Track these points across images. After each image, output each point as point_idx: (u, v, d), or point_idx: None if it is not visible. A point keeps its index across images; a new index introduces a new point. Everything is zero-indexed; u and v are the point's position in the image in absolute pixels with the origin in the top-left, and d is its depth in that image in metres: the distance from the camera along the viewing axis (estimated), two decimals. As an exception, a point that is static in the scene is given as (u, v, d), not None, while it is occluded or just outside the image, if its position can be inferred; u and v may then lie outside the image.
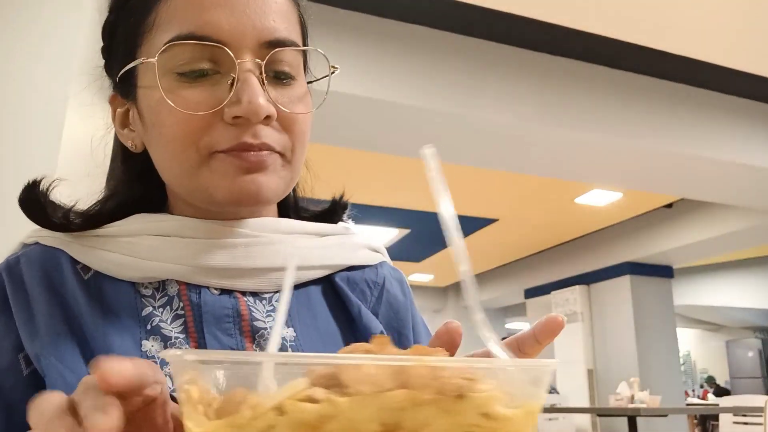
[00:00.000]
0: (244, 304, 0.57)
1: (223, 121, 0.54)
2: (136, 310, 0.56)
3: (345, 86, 3.23)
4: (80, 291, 0.56)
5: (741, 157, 4.23)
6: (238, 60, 0.53)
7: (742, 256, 9.46)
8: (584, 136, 3.85)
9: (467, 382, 0.24)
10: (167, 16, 0.55)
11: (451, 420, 0.23)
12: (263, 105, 0.53)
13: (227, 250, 0.57)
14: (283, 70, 0.57)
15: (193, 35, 0.53)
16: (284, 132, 0.57)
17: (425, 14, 3.46)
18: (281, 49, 0.56)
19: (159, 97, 0.55)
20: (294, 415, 0.23)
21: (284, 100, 0.57)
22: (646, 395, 4.97)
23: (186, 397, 0.28)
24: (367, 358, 0.23)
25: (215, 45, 0.53)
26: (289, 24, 0.58)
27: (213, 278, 0.57)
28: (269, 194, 0.56)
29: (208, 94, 0.54)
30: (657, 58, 3.76)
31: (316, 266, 0.62)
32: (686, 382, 12.52)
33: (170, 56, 0.54)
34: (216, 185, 0.55)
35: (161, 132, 0.56)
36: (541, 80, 3.75)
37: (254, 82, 0.53)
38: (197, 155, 0.55)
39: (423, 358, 0.24)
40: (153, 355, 0.53)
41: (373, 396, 0.22)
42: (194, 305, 0.56)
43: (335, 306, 0.63)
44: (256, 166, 0.55)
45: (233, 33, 0.54)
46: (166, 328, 0.55)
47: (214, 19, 0.54)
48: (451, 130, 3.72)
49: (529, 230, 7.53)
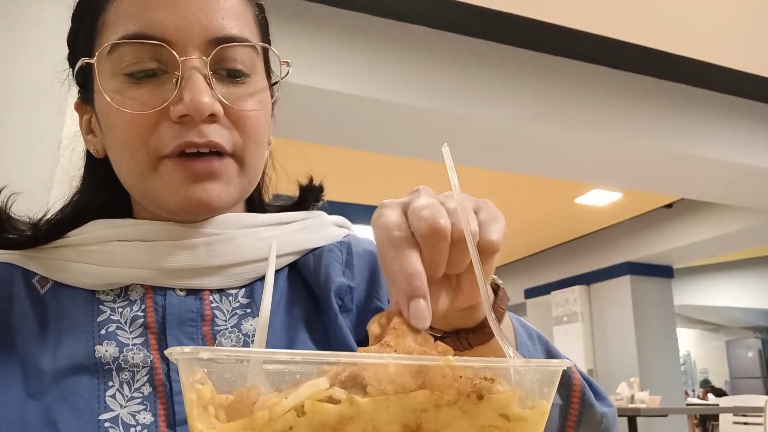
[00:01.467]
0: (208, 306, 0.57)
1: (170, 120, 0.53)
2: (91, 317, 0.55)
3: (344, 86, 3.22)
4: (31, 310, 0.55)
5: (741, 157, 4.23)
6: (182, 57, 0.53)
7: (742, 256, 9.46)
8: (584, 136, 3.85)
9: (487, 383, 0.23)
10: (114, 17, 0.55)
11: (470, 421, 0.23)
12: (206, 102, 0.52)
13: (189, 251, 0.57)
14: (235, 67, 0.56)
15: (136, 35, 0.53)
16: (234, 130, 0.56)
17: (425, 14, 3.46)
18: (228, 46, 0.55)
19: (108, 100, 0.55)
20: (314, 416, 0.22)
21: (234, 98, 0.56)
22: (646, 395, 4.96)
23: (196, 398, 0.27)
24: (388, 357, 0.22)
25: (159, 44, 0.53)
26: (240, 22, 0.57)
27: (178, 279, 0.56)
28: (220, 203, 0.56)
29: (154, 94, 0.54)
30: (657, 58, 3.75)
31: (279, 254, 0.61)
32: (686, 382, 12.52)
33: (117, 57, 0.54)
34: (166, 194, 0.55)
35: (113, 135, 0.56)
36: (541, 80, 3.75)
37: (197, 78, 0.53)
38: (147, 158, 0.55)
39: (445, 358, 0.23)
40: (107, 361, 0.52)
41: (395, 397, 0.22)
42: (158, 308, 0.56)
43: (300, 291, 0.62)
44: (204, 175, 0.54)
45: (178, 31, 0.53)
46: (123, 334, 0.54)
47: (158, 19, 0.53)
48: (450, 130, 3.72)
49: (529, 230, 7.52)
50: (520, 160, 4.26)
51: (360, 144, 4.00)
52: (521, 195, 6.16)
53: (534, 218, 7.01)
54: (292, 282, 0.62)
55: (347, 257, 0.64)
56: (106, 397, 0.50)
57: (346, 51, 3.29)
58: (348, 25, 3.32)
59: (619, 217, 7.08)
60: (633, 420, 4.29)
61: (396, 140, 3.89)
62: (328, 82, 3.14)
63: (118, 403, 0.50)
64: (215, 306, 0.57)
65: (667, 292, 7.51)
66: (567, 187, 5.73)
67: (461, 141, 3.84)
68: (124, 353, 0.53)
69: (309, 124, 3.46)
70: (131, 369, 0.52)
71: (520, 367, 0.29)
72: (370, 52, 3.37)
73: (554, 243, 8.23)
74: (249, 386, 0.26)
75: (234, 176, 0.57)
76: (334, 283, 0.60)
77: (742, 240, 6.45)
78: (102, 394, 0.51)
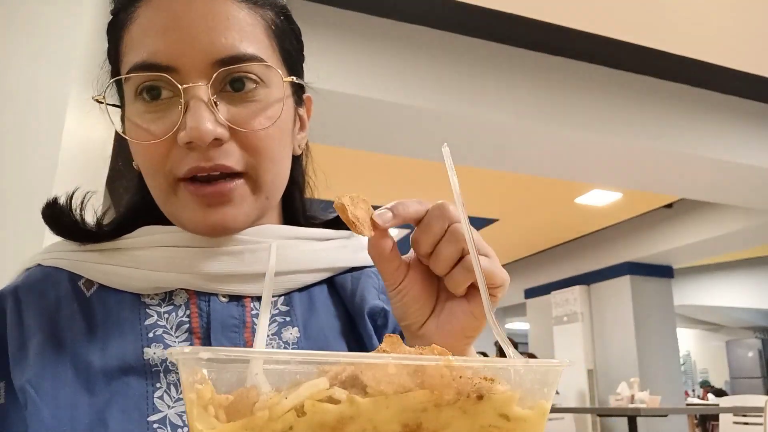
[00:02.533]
0: (249, 314, 0.58)
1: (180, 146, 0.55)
2: (139, 320, 0.56)
3: (344, 86, 3.23)
4: (79, 311, 0.57)
5: (741, 157, 4.23)
6: (184, 85, 0.54)
7: (742, 256, 9.46)
8: (584, 136, 3.85)
9: (487, 383, 0.23)
10: (129, 46, 0.57)
11: (470, 420, 0.23)
12: (208, 130, 0.53)
13: (235, 256, 0.58)
14: (240, 79, 0.56)
15: (143, 64, 0.55)
16: (245, 150, 0.56)
17: (425, 14, 3.46)
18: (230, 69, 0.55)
19: (127, 129, 0.57)
20: (314, 416, 0.22)
21: (240, 118, 0.55)
22: (646, 395, 4.97)
23: (196, 398, 0.27)
24: (388, 357, 0.22)
25: (161, 74, 0.54)
26: (248, 36, 0.57)
27: (222, 285, 0.58)
28: (236, 225, 0.57)
29: (164, 120, 0.55)
30: (657, 58, 3.75)
31: (317, 269, 0.63)
32: (686, 382, 12.52)
33: (131, 85, 0.56)
34: (185, 218, 0.57)
35: (137, 160, 0.59)
36: (541, 80, 3.75)
37: (199, 106, 0.53)
38: (165, 182, 0.56)
39: (445, 358, 0.23)
40: (155, 362, 0.53)
41: (395, 397, 0.22)
42: (203, 313, 0.57)
43: (338, 306, 0.64)
44: (216, 200, 0.55)
45: (181, 57, 0.54)
46: (169, 338, 0.56)
47: (161, 46, 0.54)
48: (451, 130, 3.72)
49: (529, 230, 7.52)
50: (520, 160, 4.27)
51: (360, 144, 4.00)
52: (521, 195, 6.16)
53: (534, 218, 7.01)
54: (331, 296, 0.65)
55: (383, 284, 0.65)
56: (155, 398, 0.52)
57: (345, 51, 3.29)
58: (348, 25, 3.32)
59: (619, 217, 7.08)
60: (633, 420, 4.29)
61: (396, 140, 3.89)
62: (327, 82, 3.14)
63: (165, 404, 0.52)
64: (255, 314, 0.59)
65: (667, 292, 7.51)
66: (567, 187, 5.73)
67: (461, 141, 3.84)
68: None
69: (308, 125, 3.45)
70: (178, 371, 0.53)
71: (520, 367, 0.29)
72: (371, 52, 3.37)
73: (554, 243, 8.23)
74: (249, 386, 0.26)
75: (248, 197, 0.57)
76: (368, 305, 0.62)
77: (742, 240, 6.45)
78: (150, 395, 0.52)
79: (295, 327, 0.60)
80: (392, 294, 0.52)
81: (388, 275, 0.51)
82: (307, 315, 0.61)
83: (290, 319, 0.60)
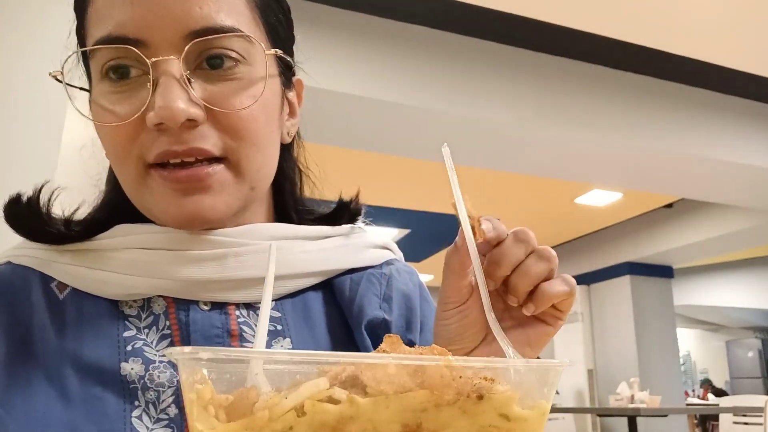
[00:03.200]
0: (234, 322, 0.54)
1: (149, 129, 0.49)
2: (117, 331, 0.52)
3: (344, 86, 3.22)
4: (51, 319, 0.52)
5: (741, 157, 4.23)
6: (153, 59, 0.48)
7: (742, 256, 9.46)
8: (584, 136, 3.85)
9: (487, 383, 0.23)
10: (94, 19, 0.51)
11: (470, 420, 0.23)
12: (179, 109, 0.47)
13: (218, 261, 0.52)
14: (218, 55, 0.50)
15: (109, 37, 0.49)
16: (224, 132, 0.50)
17: (425, 14, 3.46)
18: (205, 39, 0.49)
19: (93, 111, 0.52)
20: (315, 416, 0.22)
21: (218, 97, 0.50)
22: (646, 395, 4.97)
23: (196, 398, 0.27)
24: (388, 357, 0.22)
25: (128, 47, 0.48)
26: (226, 7, 0.50)
27: (202, 292, 0.53)
28: (215, 215, 0.51)
29: (131, 101, 0.49)
30: (657, 58, 3.75)
31: (312, 272, 0.57)
32: (686, 382, 12.51)
33: (97, 61, 0.51)
34: (157, 209, 0.52)
35: (104, 146, 0.54)
36: (541, 80, 3.75)
37: (169, 83, 0.48)
38: (134, 169, 0.51)
39: (444, 358, 0.23)
40: (133, 379, 0.49)
41: (395, 397, 0.22)
42: (182, 324, 0.53)
43: (336, 314, 0.59)
44: (191, 186, 0.50)
45: (150, 29, 0.48)
46: (149, 350, 0.51)
47: (128, 17, 0.48)
48: (450, 130, 3.72)
49: (529, 230, 7.51)
50: (520, 160, 4.26)
51: (360, 144, 4.00)
52: (521, 195, 6.16)
53: (534, 218, 7.00)
54: (328, 302, 0.59)
55: (386, 290, 0.61)
56: (133, 418, 0.48)
57: (345, 51, 3.29)
58: (348, 24, 3.32)
59: (619, 217, 7.08)
60: (633, 420, 4.29)
61: (396, 140, 3.89)
62: (327, 82, 3.14)
63: (144, 425, 0.48)
64: (242, 321, 0.54)
65: (667, 292, 7.51)
66: (567, 187, 5.73)
67: (461, 141, 3.84)
68: (150, 371, 0.50)
69: (308, 124, 3.45)
70: (157, 389, 0.50)
71: (520, 367, 0.29)
72: (371, 52, 3.37)
73: (554, 243, 8.23)
74: (249, 386, 0.26)
75: (228, 183, 0.51)
76: (366, 317, 0.57)
77: (742, 240, 6.45)
78: (128, 414, 0.48)
79: (287, 338, 0.55)
80: (452, 313, 0.47)
81: (455, 291, 0.47)
82: (300, 324, 0.56)
83: (281, 329, 0.55)
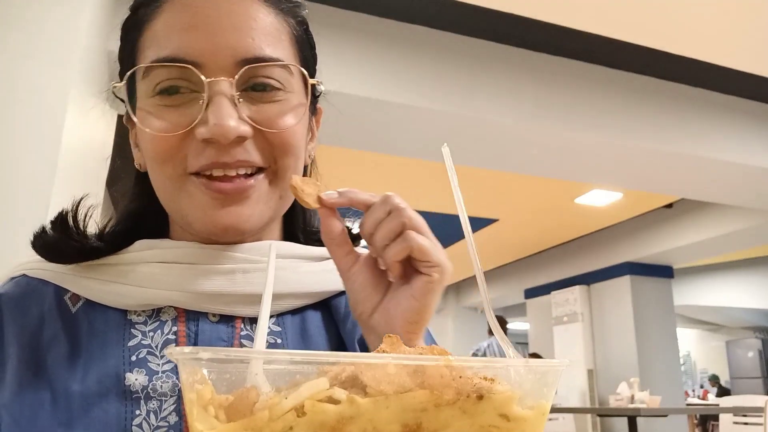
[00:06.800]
0: (238, 335, 0.57)
1: (197, 140, 0.53)
2: (123, 341, 0.55)
3: (345, 87, 3.23)
4: (62, 330, 0.55)
5: (741, 157, 4.23)
6: (208, 79, 0.53)
7: (742, 256, 9.46)
8: (584, 136, 3.85)
9: (487, 383, 0.23)
10: (150, 40, 0.56)
11: (470, 420, 0.23)
12: (231, 127, 0.52)
13: (226, 276, 0.56)
14: (264, 83, 0.55)
15: (167, 58, 0.53)
16: (267, 147, 0.56)
17: (426, 14, 3.46)
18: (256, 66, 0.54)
19: (140, 118, 0.55)
20: (314, 416, 0.22)
21: (262, 118, 0.55)
22: (646, 395, 4.97)
23: (196, 398, 0.27)
24: (388, 357, 0.22)
25: (186, 66, 0.53)
26: (272, 42, 0.56)
27: (211, 304, 0.56)
28: (249, 226, 0.56)
29: (182, 115, 0.54)
30: (657, 58, 3.75)
31: (313, 293, 0.61)
32: (686, 382, 12.52)
33: (150, 79, 0.55)
34: (192, 216, 0.55)
35: (145, 153, 0.57)
36: (541, 80, 3.75)
37: (223, 102, 0.52)
38: (174, 173, 0.55)
39: (444, 358, 0.23)
40: (136, 389, 0.52)
41: (395, 397, 0.22)
42: (190, 333, 0.56)
43: (332, 331, 0.62)
44: (232, 199, 0.54)
45: (207, 54, 0.53)
46: (153, 360, 0.54)
47: (187, 42, 0.53)
48: (451, 130, 3.72)
49: (529, 230, 7.52)
50: (520, 160, 4.27)
51: (360, 144, 4.00)
52: (521, 195, 6.16)
53: (534, 218, 7.01)
54: (325, 320, 0.63)
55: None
56: (133, 426, 0.50)
57: (345, 51, 3.29)
58: (347, 24, 3.32)
59: (619, 217, 7.08)
60: (633, 420, 4.29)
61: (396, 140, 3.89)
62: (327, 82, 3.13)
63: None
64: (245, 334, 0.57)
65: (667, 292, 7.51)
66: (567, 187, 5.73)
67: (461, 141, 3.84)
68: (153, 381, 0.53)
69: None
70: (159, 398, 0.52)
71: (520, 367, 0.29)
72: (370, 52, 3.37)
73: (554, 243, 8.23)
74: (249, 386, 0.26)
75: (264, 192, 0.56)
76: (359, 332, 0.60)
77: (742, 240, 6.45)
78: (129, 422, 0.50)
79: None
80: (344, 280, 0.54)
81: (338, 259, 0.53)
82: (298, 340, 0.59)
83: (281, 342, 0.58)
